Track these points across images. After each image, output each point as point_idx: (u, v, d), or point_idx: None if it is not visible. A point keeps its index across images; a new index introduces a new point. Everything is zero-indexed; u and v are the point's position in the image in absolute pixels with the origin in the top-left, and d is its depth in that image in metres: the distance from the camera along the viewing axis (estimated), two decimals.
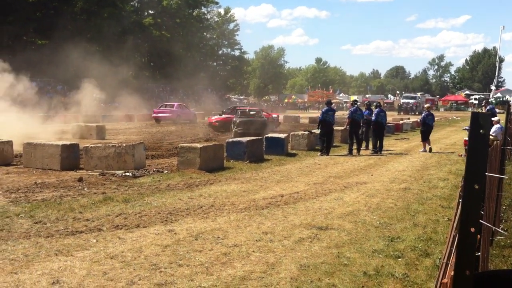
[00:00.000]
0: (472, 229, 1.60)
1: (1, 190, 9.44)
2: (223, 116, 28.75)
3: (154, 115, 37.28)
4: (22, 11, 48.04)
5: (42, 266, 5.33)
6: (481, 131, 1.60)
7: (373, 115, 18.50)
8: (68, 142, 13.02)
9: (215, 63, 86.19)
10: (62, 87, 44.57)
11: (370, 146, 18.44)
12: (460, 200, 3.30)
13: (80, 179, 10.55)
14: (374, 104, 19.76)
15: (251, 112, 26.47)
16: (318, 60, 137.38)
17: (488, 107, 27.45)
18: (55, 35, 43.34)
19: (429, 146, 18.35)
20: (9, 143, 13.44)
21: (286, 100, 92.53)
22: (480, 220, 3.72)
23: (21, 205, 8.13)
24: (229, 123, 25.76)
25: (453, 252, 3.85)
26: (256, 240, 6.39)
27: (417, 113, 56.08)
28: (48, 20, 49.36)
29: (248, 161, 14.04)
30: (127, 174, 11.50)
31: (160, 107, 38.68)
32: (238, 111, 26.34)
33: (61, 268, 5.28)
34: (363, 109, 19.44)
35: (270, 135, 17.51)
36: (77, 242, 6.19)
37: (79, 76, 39.14)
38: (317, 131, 18.05)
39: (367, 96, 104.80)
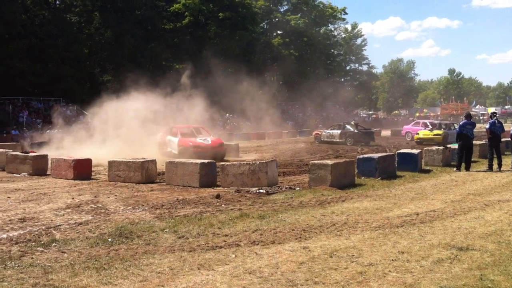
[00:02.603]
0: None
1: (147, 206, 10.19)
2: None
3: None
4: (161, 38, 51.77)
5: (186, 279, 5.64)
6: None
7: None
8: (206, 161, 13.71)
9: (342, 79, 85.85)
10: (198, 109, 47.08)
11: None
12: None
13: (218, 196, 11.07)
14: None
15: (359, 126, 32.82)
16: (451, 71, 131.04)
17: None
18: (191, 59, 45.99)
19: None
20: (153, 162, 14.49)
21: (417, 114, 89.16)
22: None
23: (166, 221, 8.69)
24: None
25: None
26: (392, 260, 6.27)
27: None
28: (185, 45, 52.59)
29: (379, 178, 13.78)
30: (261, 191, 11.85)
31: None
32: (344, 125, 32.48)
33: (203, 281, 5.55)
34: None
35: (402, 150, 17.04)
36: (217, 257, 6.48)
37: (212, 96, 41.11)
38: (454, 146, 17.25)
39: (506, 107, 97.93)
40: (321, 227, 8.06)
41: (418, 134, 32.75)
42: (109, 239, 7.42)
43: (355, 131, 31.64)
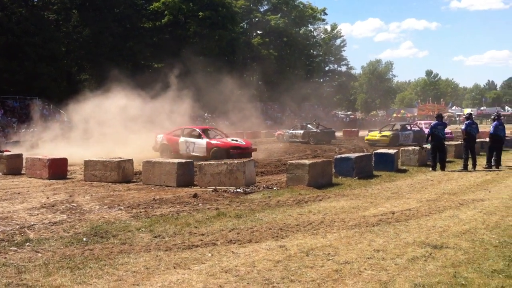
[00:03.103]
0: None
1: (123, 206, 10.10)
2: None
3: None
4: (140, 37, 51.43)
5: (162, 278, 5.61)
6: None
7: (491, 127, 17.64)
8: (183, 160, 13.66)
9: (321, 79, 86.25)
10: (178, 108, 46.92)
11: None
12: None
13: (195, 195, 11.03)
14: (492, 116, 18.82)
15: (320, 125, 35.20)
16: (429, 73, 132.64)
17: None
18: (170, 58, 45.78)
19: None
20: (130, 161, 14.38)
21: (394, 115, 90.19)
22: None
23: (142, 220, 8.63)
24: None
25: None
26: (368, 258, 6.31)
27: None
28: (164, 44, 52.34)
29: (356, 177, 13.88)
30: (239, 190, 11.84)
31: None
32: (306, 125, 34.10)
33: (179, 280, 5.53)
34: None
35: (379, 150, 17.19)
36: (194, 256, 6.46)
37: (192, 96, 40.98)
38: (428, 146, 17.49)
39: (482, 108, 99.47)
40: (298, 226, 8.08)
41: (367, 135, 32.43)
42: (84, 239, 7.34)
43: (317, 130, 33.52)
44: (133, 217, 8.91)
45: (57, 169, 14.92)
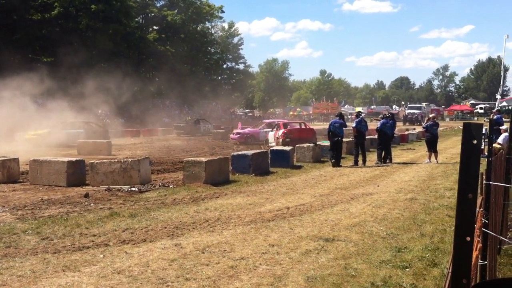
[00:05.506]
0: (468, 238, 1.61)
1: (8, 208, 9.49)
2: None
3: None
4: (28, 29, 48.61)
5: (49, 282, 5.34)
6: (473, 141, 1.60)
7: (378, 124, 18.60)
8: (74, 159, 13.09)
9: (219, 77, 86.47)
10: (68, 104, 44.90)
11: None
12: None
13: (86, 195, 10.60)
14: (380, 115, 19.91)
15: None
16: (323, 72, 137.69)
17: (495, 116, 27.04)
18: (61, 52, 43.72)
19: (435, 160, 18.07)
20: (15, 160, 13.53)
21: (291, 113, 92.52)
22: (485, 229, 3.72)
23: (28, 222, 8.16)
24: None
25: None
26: (263, 253, 6.39)
27: (422, 124, 56.04)
28: (54, 37, 49.87)
29: (253, 174, 14.05)
30: (133, 189, 11.54)
31: None
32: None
33: (68, 284, 5.28)
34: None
35: (275, 147, 17.54)
36: (84, 257, 6.20)
37: (84, 92, 39.50)
38: (325, 143, 18.14)
39: (372, 107, 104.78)
40: (194, 224, 8.01)
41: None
42: None
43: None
44: (18, 219, 8.41)
45: None
